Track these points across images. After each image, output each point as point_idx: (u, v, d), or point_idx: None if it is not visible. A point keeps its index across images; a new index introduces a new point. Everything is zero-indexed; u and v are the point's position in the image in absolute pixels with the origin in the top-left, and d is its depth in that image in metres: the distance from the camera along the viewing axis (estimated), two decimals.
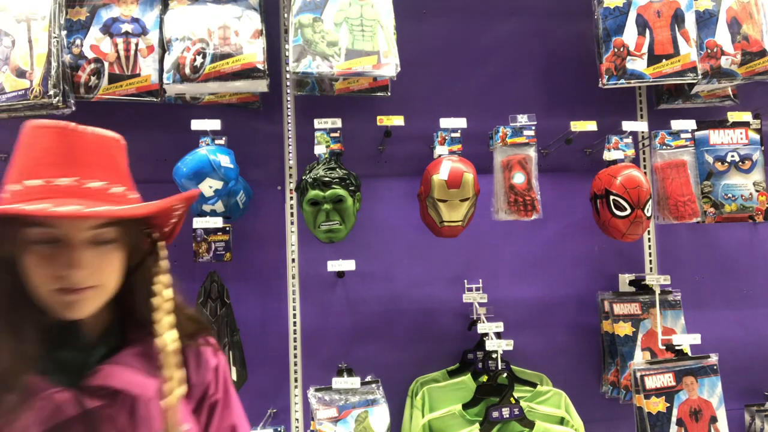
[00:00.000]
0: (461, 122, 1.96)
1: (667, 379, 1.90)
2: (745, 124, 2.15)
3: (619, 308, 2.16)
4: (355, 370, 1.98)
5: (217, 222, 1.86)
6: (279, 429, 2.05)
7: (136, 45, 1.92)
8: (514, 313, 2.20)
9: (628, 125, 2.03)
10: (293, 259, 2.17)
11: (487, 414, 1.79)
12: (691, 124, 2.06)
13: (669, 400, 1.89)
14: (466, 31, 2.33)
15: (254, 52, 1.89)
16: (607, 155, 2.07)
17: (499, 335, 1.92)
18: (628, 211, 1.93)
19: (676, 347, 1.98)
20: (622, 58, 2.02)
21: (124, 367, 0.91)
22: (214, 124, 1.91)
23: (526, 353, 2.15)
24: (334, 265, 1.93)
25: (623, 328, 2.14)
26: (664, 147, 2.08)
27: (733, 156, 2.13)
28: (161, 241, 0.99)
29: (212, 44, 1.87)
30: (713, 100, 2.25)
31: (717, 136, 2.15)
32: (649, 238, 2.34)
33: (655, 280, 2.07)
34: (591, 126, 2.02)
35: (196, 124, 1.90)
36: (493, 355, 1.91)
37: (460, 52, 2.31)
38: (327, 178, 1.84)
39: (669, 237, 2.34)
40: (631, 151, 2.06)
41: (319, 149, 1.93)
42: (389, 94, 2.06)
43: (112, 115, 1.94)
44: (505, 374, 1.97)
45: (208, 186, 1.81)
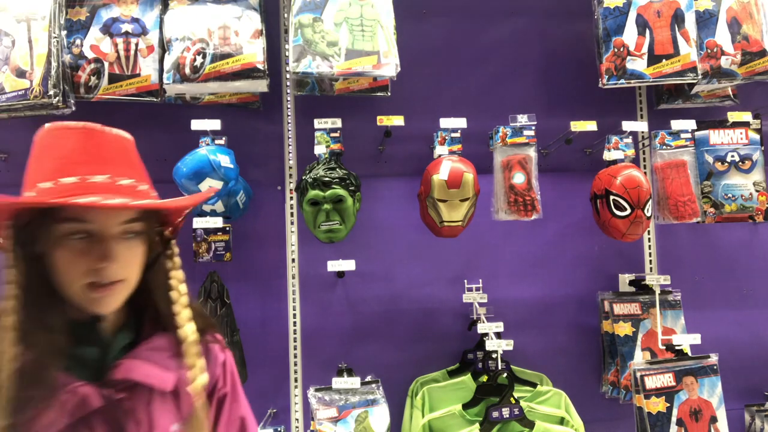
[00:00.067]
0: (461, 122, 1.96)
1: (667, 379, 1.90)
2: (745, 124, 2.15)
3: (619, 308, 2.16)
4: (355, 370, 1.98)
5: (217, 222, 1.86)
6: (279, 429, 2.05)
7: (136, 45, 1.92)
8: (514, 313, 2.20)
9: (628, 125, 2.03)
10: (293, 259, 2.17)
11: (487, 414, 1.79)
12: (691, 124, 2.05)
13: (669, 400, 1.89)
14: (466, 31, 2.33)
15: (254, 52, 1.89)
16: (607, 155, 2.07)
17: (499, 335, 1.92)
18: (628, 211, 1.93)
19: (676, 347, 1.98)
20: (622, 58, 2.02)
21: (143, 361, 0.93)
22: (214, 124, 1.91)
23: (526, 353, 2.15)
24: (334, 265, 1.93)
25: (623, 328, 2.14)
26: (664, 147, 2.08)
27: (733, 156, 2.13)
28: (173, 238, 1.03)
29: (212, 44, 1.87)
30: (713, 100, 2.25)
31: (717, 136, 2.15)
32: (649, 238, 2.34)
33: (655, 280, 2.07)
34: (591, 126, 2.02)
35: (196, 124, 1.90)
36: (493, 355, 1.91)
37: (460, 52, 2.31)
38: (327, 178, 1.84)
39: (669, 237, 2.34)
40: (631, 151, 2.06)
41: (319, 149, 1.93)
42: (389, 94, 2.06)
43: (112, 115, 1.92)
44: (505, 374, 1.97)
45: (208, 186, 1.81)
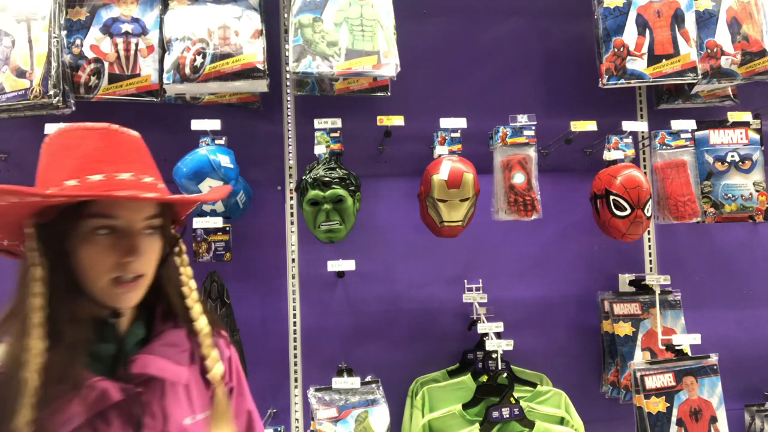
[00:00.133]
0: (461, 122, 1.96)
1: (667, 379, 1.90)
2: (745, 124, 2.15)
3: (619, 308, 2.16)
4: (355, 370, 1.98)
5: (217, 222, 1.86)
6: (279, 429, 2.05)
7: (136, 45, 1.92)
8: (514, 313, 2.20)
9: (628, 125, 2.03)
10: (293, 259, 2.17)
11: (487, 414, 1.79)
12: (691, 124, 2.05)
13: (669, 400, 1.89)
14: (466, 31, 2.33)
15: (254, 52, 1.89)
16: (607, 155, 2.07)
17: (499, 335, 1.92)
18: (628, 211, 1.93)
19: (676, 347, 1.98)
20: (622, 58, 2.02)
21: (157, 356, 0.95)
22: (214, 124, 1.91)
23: (526, 353, 2.15)
24: (334, 265, 1.93)
25: (623, 328, 2.14)
26: (664, 147, 2.08)
27: (733, 156, 2.13)
28: (181, 236, 1.05)
29: (212, 44, 1.87)
30: (713, 100, 2.25)
31: (717, 136, 2.15)
32: (649, 238, 2.34)
33: (655, 280, 2.07)
34: (591, 126, 2.02)
35: (196, 124, 1.90)
36: (493, 355, 1.91)
37: (460, 52, 2.31)
38: (327, 178, 1.84)
39: (669, 237, 2.34)
40: (631, 151, 2.06)
41: (319, 149, 1.93)
42: (389, 94, 2.06)
43: (112, 115, 1.92)
44: (505, 374, 1.97)
45: (208, 186, 1.81)
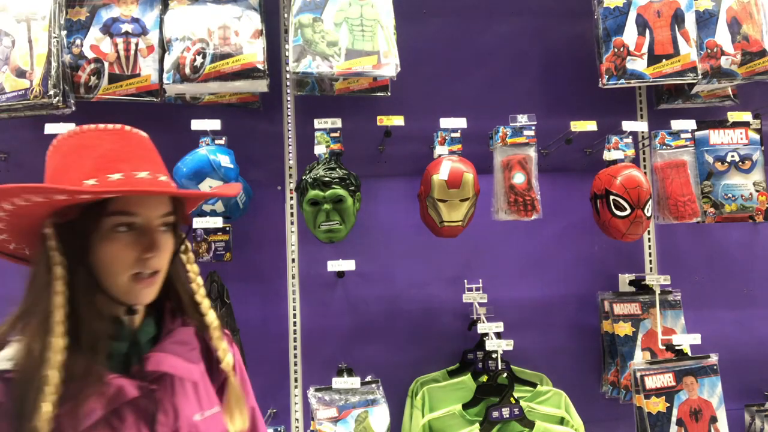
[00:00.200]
0: (461, 122, 1.96)
1: (667, 379, 1.90)
2: (745, 124, 2.15)
3: (619, 308, 2.16)
4: (355, 370, 1.98)
5: (217, 222, 1.86)
6: (279, 429, 2.05)
7: (136, 45, 1.92)
8: (514, 313, 2.20)
9: (628, 125, 2.03)
10: (293, 259, 2.17)
11: (487, 414, 1.79)
12: (691, 124, 2.05)
13: (669, 400, 1.89)
14: (466, 31, 2.33)
15: (254, 52, 1.89)
16: (607, 155, 2.07)
17: (499, 335, 1.92)
18: (628, 211, 1.93)
19: (676, 347, 1.98)
20: (622, 58, 2.02)
21: (169, 354, 0.97)
22: (214, 124, 1.91)
23: (526, 353, 2.15)
24: (334, 265, 1.93)
25: (623, 328, 2.14)
26: (664, 147, 2.08)
27: (733, 156, 2.13)
28: (186, 234, 1.07)
29: (212, 44, 1.87)
30: (713, 100, 2.25)
31: (717, 136, 2.15)
32: (649, 238, 2.34)
33: (655, 280, 2.07)
34: (591, 126, 2.02)
35: (196, 124, 1.90)
36: (493, 355, 1.91)
37: (460, 52, 2.31)
38: (327, 178, 1.84)
39: (669, 237, 2.34)
40: (631, 151, 2.06)
41: (319, 149, 1.93)
42: (389, 94, 2.06)
43: (112, 115, 1.93)
44: (505, 374, 1.97)
45: (208, 186, 1.81)
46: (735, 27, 2.06)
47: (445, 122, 1.96)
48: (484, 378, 1.98)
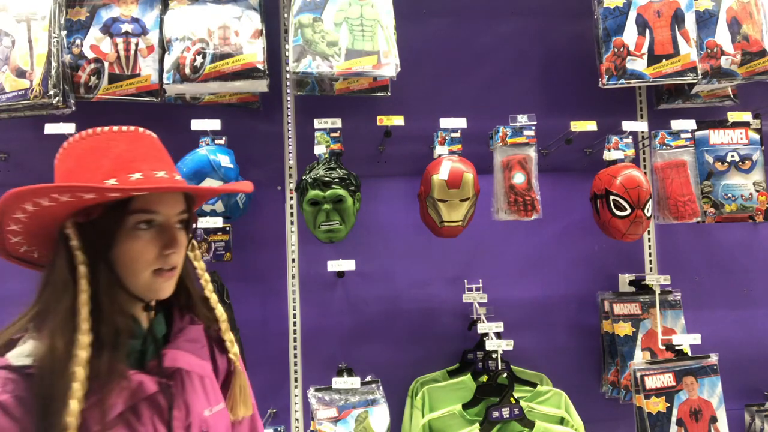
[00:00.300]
0: (461, 122, 1.96)
1: (667, 379, 1.90)
2: (745, 124, 2.15)
3: (619, 308, 2.16)
4: (355, 370, 1.99)
5: (217, 222, 1.86)
6: (279, 429, 2.05)
7: (136, 45, 1.92)
8: (514, 313, 2.20)
9: (628, 125, 2.03)
10: (293, 259, 2.17)
11: (487, 414, 1.79)
12: (691, 124, 2.05)
13: (669, 400, 1.89)
14: (466, 31, 2.33)
15: (254, 52, 1.89)
16: (607, 155, 2.07)
17: (499, 335, 1.92)
18: (628, 211, 1.93)
19: (676, 347, 1.98)
20: (622, 58, 2.02)
21: (182, 351, 1.01)
22: (214, 124, 1.91)
23: (526, 353, 2.15)
24: (334, 265, 1.93)
25: (623, 328, 2.14)
26: (664, 147, 2.08)
27: (733, 156, 2.13)
28: (194, 233, 1.09)
29: (212, 44, 1.87)
30: (713, 100, 2.25)
31: (717, 136, 2.15)
32: (649, 238, 2.34)
33: (655, 280, 2.07)
34: (591, 126, 2.01)
35: (196, 124, 1.90)
36: (493, 355, 1.91)
37: (460, 52, 2.31)
38: (327, 178, 1.84)
39: (669, 237, 2.34)
40: (631, 151, 2.06)
41: (319, 149, 1.93)
42: (389, 94, 2.06)
43: (112, 115, 1.93)
44: (505, 374, 1.97)
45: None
46: (735, 27, 2.06)
47: (445, 122, 1.96)
48: (484, 378, 1.98)
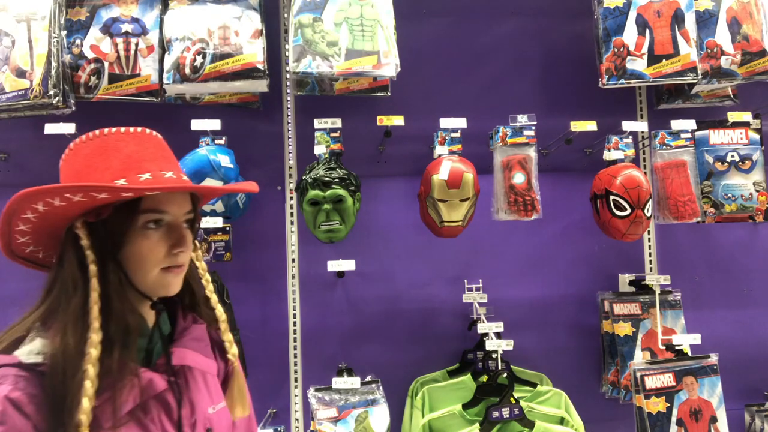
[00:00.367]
0: (461, 122, 1.96)
1: (667, 379, 1.90)
2: (745, 124, 2.15)
3: (619, 308, 2.16)
4: (355, 370, 1.99)
5: (217, 222, 1.86)
6: (279, 429, 2.05)
7: (136, 45, 1.92)
8: (514, 313, 2.20)
9: (628, 125, 2.03)
10: (293, 259, 2.17)
11: (487, 414, 1.79)
12: (691, 124, 2.05)
13: (669, 400, 1.89)
14: (466, 31, 2.33)
15: (254, 52, 1.89)
16: (607, 155, 2.07)
17: (499, 335, 1.92)
18: (628, 211, 1.93)
19: (676, 347, 1.98)
20: (622, 58, 2.02)
21: (188, 349, 1.03)
22: (214, 124, 1.91)
23: (526, 353, 2.15)
24: (334, 265, 1.93)
25: (623, 328, 2.14)
26: (664, 147, 2.08)
27: (733, 156, 2.13)
28: (197, 232, 1.10)
29: (212, 44, 1.87)
30: (713, 100, 2.25)
31: (717, 136, 2.15)
32: (649, 238, 2.34)
33: (655, 280, 2.07)
34: (591, 126, 2.02)
35: (196, 124, 1.90)
36: (493, 355, 1.91)
37: (460, 52, 2.31)
38: (327, 178, 1.84)
39: (669, 237, 2.34)
40: (631, 151, 2.06)
41: (319, 149, 1.93)
42: (389, 94, 2.06)
43: (112, 115, 1.94)
44: (505, 374, 1.97)
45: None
46: (735, 27, 2.06)
47: (445, 122, 1.96)
48: (484, 378, 1.98)
